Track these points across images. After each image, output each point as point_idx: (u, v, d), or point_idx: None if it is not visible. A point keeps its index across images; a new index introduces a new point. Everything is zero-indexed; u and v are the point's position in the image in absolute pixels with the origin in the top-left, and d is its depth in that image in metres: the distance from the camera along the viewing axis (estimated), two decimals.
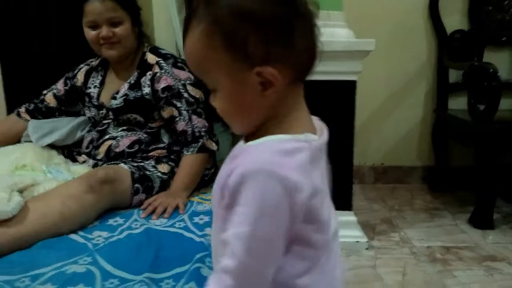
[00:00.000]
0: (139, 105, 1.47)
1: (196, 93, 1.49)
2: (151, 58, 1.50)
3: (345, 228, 1.56)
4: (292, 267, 0.53)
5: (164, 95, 1.45)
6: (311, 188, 0.50)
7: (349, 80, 1.43)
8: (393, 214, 1.93)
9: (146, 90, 1.46)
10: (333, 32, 1.41)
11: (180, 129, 1.46)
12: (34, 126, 1.54)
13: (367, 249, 1.56)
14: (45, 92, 1.64)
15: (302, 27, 0.52)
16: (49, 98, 1.62)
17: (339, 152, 1.50)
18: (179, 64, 1.50)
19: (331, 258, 0.57)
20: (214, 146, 1.52)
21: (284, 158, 0.49)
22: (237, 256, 0.48)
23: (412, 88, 2.24)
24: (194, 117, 1.47)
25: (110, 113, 1.49)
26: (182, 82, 1.47)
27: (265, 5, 0.50)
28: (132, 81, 1.48)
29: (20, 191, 1.16)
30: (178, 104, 1.46)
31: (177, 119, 1.46)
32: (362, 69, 1.45)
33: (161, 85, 1.45)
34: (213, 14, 0.50)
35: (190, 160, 1.46)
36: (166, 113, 1.47)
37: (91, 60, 1.63)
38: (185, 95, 1.46)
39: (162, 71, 1.46)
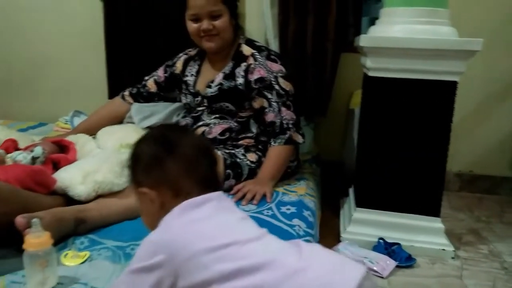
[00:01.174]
0: (232, 95, 1.53)
1: (287, 85, 1.52)
2: (246, 50, 1.55)
3: (431, 234, 1.50)
4: None
5: (257, 86, 1.49)
6: None
7: (450, 81, 1.37)
8: (481, 225, 1.82)
9: (240, 80, 1.51)
10: (436, 29, 1.35)
11: (269, 120, 1.50)
12: (137, 109, 1.68)
13: (453, 258, 1.49)
14: (146, 78, 1.77)
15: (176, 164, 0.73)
16: (150, 84, 1.74)
17: (432, 155, 1.45)
18: (272, 57, 1.54)
19: None
20: (300, 139, 1.55)
21: None
22: None
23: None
24: (283, 109, 1.51)
25: (205, 100, 1.57)
26: (274, 74, 1.50)
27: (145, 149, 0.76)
28: (227, 71, 1.54)
29: None
30: (269, 96, 1.50)
31: (267, 110, 1.50)
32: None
33: (254, 76, 1.50)
34: None
35: (277, 151, 1.49)
36: (257, 103, 1.52)
37: (189, 49, 1.73)
38: (276, 87, 1.50)
39: (256, 62, 1.51)
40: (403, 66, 1.37)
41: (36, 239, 0.85)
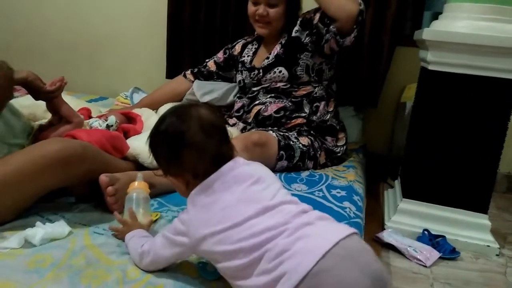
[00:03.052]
0: (287, 55, 1.59)
1: None
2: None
3: (477, 230, 1.51)
4: None
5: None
6: None
7: (509, 79, 1.36)
8: None
9: (297, 28, 1.59)
10: (502, 27, 1.34)
11: None
12: (198, 85, 1.79)
13: (497, 255, 1.50)
14: (207, 60, 1.88)
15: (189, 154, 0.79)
16: (211, 64, 1.85)
17: (486, 152, 1.46)
18: None
19: None
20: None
21: None
22: None
23: None
24: None
25: (260, 71, 1.64)
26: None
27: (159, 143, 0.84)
28: (283, 41, 1.62)
29: None
30: None
31: None
32: None
33: (316, 16, 1.53)
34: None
35: None
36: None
37: (247, 36, 1.84)
38: None
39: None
40: (465, 62, 1.38)
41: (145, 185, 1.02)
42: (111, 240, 0.97)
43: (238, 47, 1.81)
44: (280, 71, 1.60)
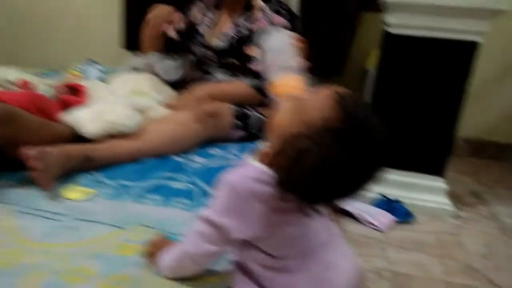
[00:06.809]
0: (238, 48, 1.51)
1: None
2: (258, 3, 1.52)
3: (433, 193, 1.52)
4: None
5: (254, 33, 1.47)
6: None
7: (470, 41, 1.33)
8: (484, 189, 1.82)
9: (244, 31, 1.50)
10: None
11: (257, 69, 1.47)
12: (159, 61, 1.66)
13: (453, 217, 1.52)
14: None
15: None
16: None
17: (444, 116, 1.44)
18: (282, 11, 1.50)
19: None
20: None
21: None
22: None
23: None
24: None
25: (215, 54, 1.57)
26: (276, 26, 1.46)
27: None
28: (239, 22, 1.53)
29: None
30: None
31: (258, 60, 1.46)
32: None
33: (256, 26, 1.48)
34: None
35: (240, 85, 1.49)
36: (249, 49, 1.49)
37: None
38: None
39: (262, 15, 1.49)
40: (425, 24, 1.34)
41: None
42: (38, 221, 0.91)
43: (195, 13, 1.70)
44: (232, 63, 1.52)
